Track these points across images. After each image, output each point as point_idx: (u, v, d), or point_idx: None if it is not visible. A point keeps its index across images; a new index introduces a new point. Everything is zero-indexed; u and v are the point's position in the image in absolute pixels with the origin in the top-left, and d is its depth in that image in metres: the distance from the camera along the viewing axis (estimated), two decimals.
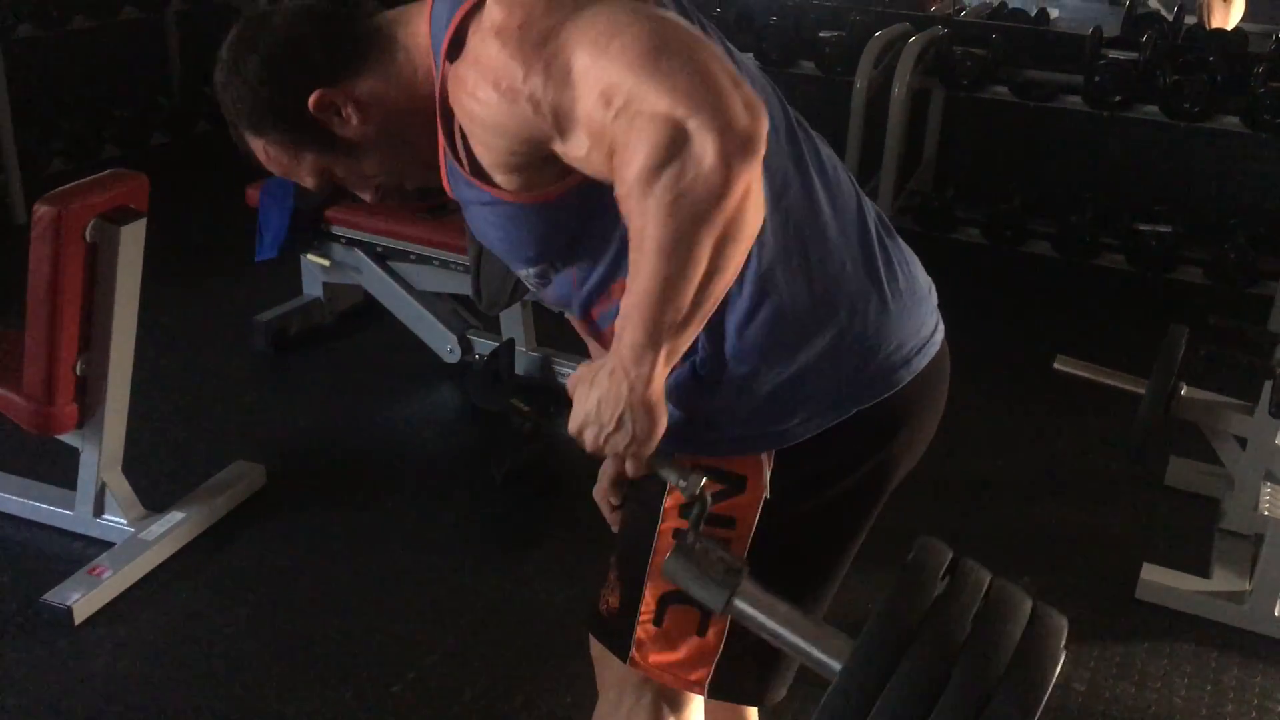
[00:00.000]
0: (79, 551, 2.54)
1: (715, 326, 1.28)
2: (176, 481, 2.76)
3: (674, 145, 0.99)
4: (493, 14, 1.11)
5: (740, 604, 1.18)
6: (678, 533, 1.39)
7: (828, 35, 4.38)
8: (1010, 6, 5.14)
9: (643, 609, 1.43)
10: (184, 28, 5.23)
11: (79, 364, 2.40)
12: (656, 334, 1.09)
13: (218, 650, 2.31)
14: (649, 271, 1.05)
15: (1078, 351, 2.91)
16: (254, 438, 3.03)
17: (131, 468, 2.62)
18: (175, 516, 2.61)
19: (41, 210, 2.25)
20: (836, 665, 1.12)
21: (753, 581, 1.19)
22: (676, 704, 1.54)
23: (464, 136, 1.21)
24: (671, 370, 1.23)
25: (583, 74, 1.04)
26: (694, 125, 0.98)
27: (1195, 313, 2.97)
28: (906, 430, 1.40)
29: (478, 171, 1.22)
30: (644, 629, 1.44)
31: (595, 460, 1.72)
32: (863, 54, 4.13)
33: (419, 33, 1.25)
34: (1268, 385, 2.55)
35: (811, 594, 1.48)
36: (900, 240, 1.42)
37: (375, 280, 3.39)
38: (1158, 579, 2.56)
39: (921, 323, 1.38)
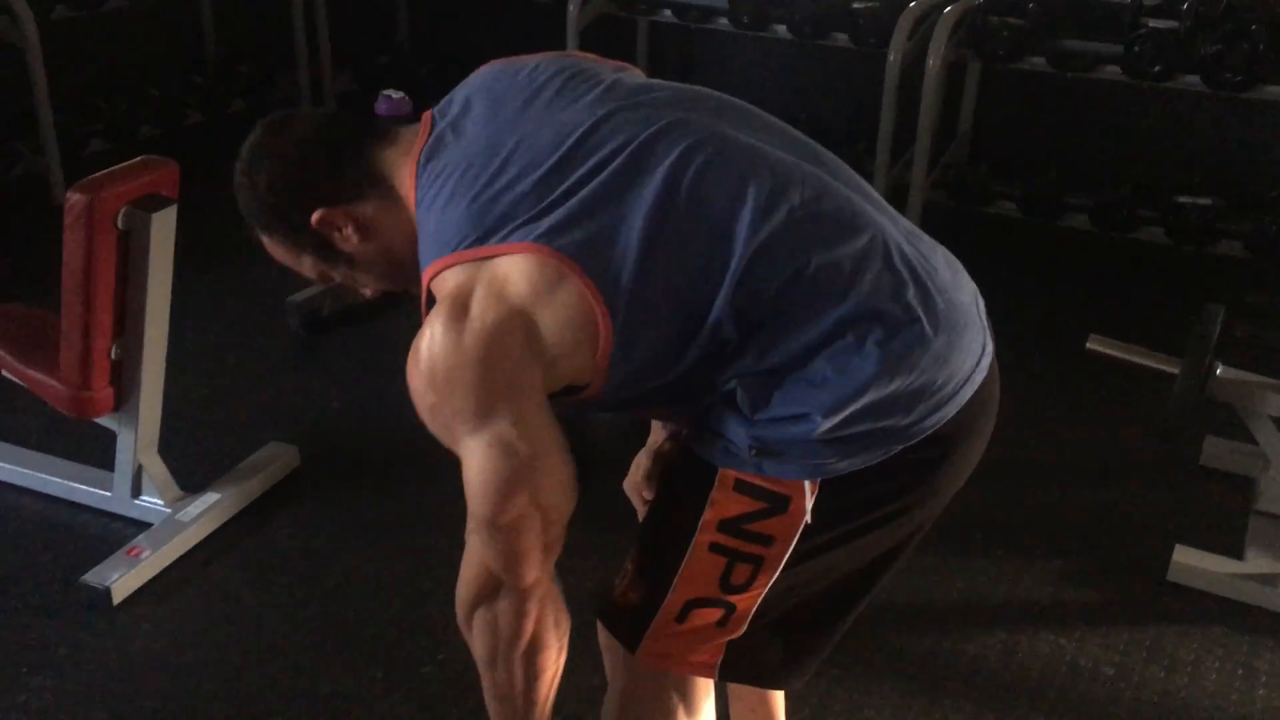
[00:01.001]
0: (117, 532, 2.59)
1: (759, 397, 1.29)
2: (212, 463, 2.80)
3: (486, 594, 1.39)
4: (422, 368, 1.27)
5: None
6: (715, 547, 1.38)
7: (861, 6, 4.30)
8: None
9: (664, 608, 1.43)
10: (218, 7, 5.25)
11: (114, 349, 2.44)
12: None
13: (253, 631, 2.35)
14: (486, 682, 1.47)
15: (1115, 328, 2.87)
16: (288, 419, 3.07)
17: (167, 449, 2.66)
18: (211, 498, 2.65)
19: (73, 199, 2.28)
20: None
21: None
22: (688, 693, 1.54)
23: None
24: (714, 412, 1.34)
25: (463, 467, 1.31)
26: (503, 581, 1.37)
27: (1235, 287, 2.92)
28: (950, 462, 1.37)
29: None
30: (662, 625, 1.44)
31: (628, 447, 1.73)
32: (896, 25, 4.07)
33: (408, 194, 1.37)
34: None
35: (838, 611, 1.48)
36: (936, 256, 1.38)
37: None
38: (1190, 561, 2.54)
39: (967, 350, 1.34)
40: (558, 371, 1.28)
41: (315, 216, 1.37)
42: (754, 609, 1.41)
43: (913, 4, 4.16)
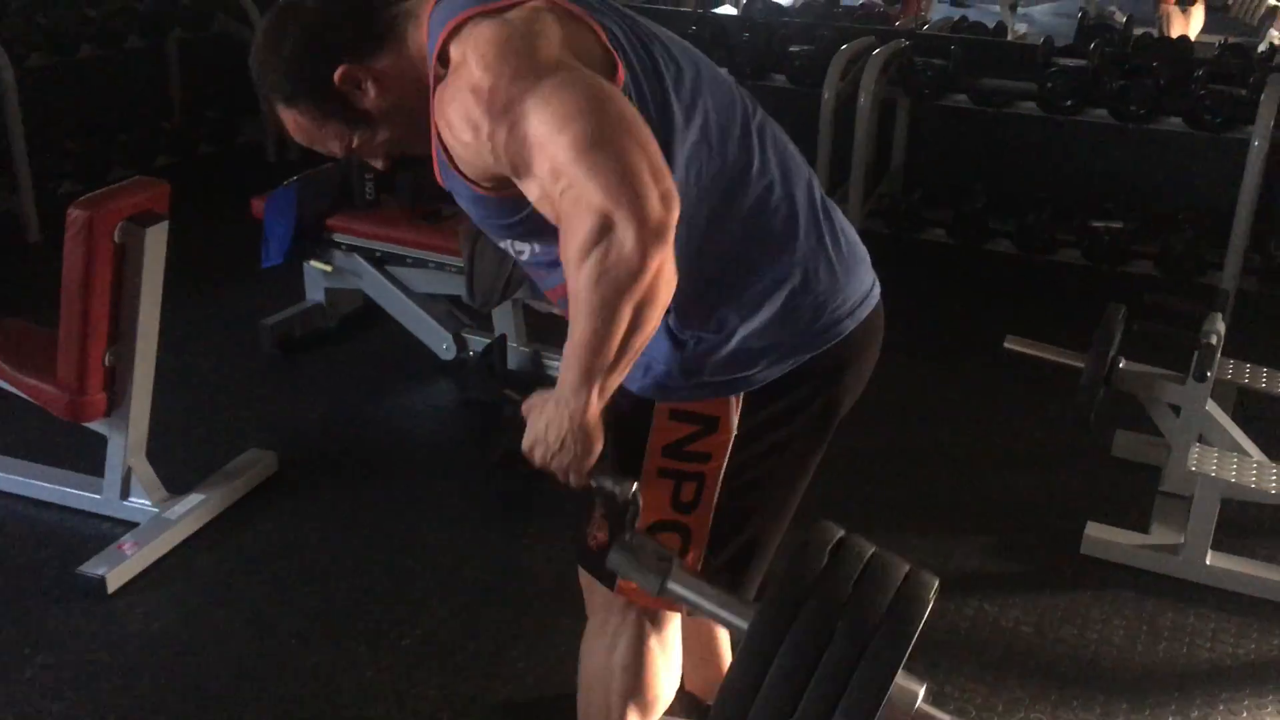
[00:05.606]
0: (108, 531, 2.75)
1: (689, 292, 1.48)
2: (194, 469, 2.96)
3: (601, 231, 1.27)
4: (471, 69, 1.36)
5: (672, 585, 1.45)
6: (662, 471, 1.61)
7: (797, 49, 4.63)
8: (970, 21, 5.41)
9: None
10: (185, 55, 5.47)
11: (108, 356, 2.62)
12: (589, 376, 1.36)
13: (242, 612, 2.52)
14: (581, 327, 1.33)
15: (1038, 339, 3.14)
16: (265, 429, 3.25)
17: (151, 457, 2.82)
18: (196, 498, 2.82)
19: (75, 214, 2.47)
20: (745, 626, 1.38)
21: (680, 566, 1.47)
22: (657, 621, 1.76)
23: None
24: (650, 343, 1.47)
25: (538, 144, 1.31)
26: (619, 217, 1.26)
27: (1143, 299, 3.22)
28: (849, 373, 1.64)
29: (459, 168, 1.46)
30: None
31: None
32: (830, 66, 4.38)
33: (422, 30, 1.48)
34: (1196, 355, 2.79)
35: (774, 517, 1.71)
36: (839, 211, 1.66)
37: (374, 284, 3.61)
38: (1101, 535, 2.79)
39: (861, 280, 1.63)
40: None
41: (339, 73, 1.45)
42: (707, 534, 1.63)
43: (844, 47, 4.48)
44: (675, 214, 1.29)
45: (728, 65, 4.59)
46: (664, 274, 1.31)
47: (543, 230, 1.46)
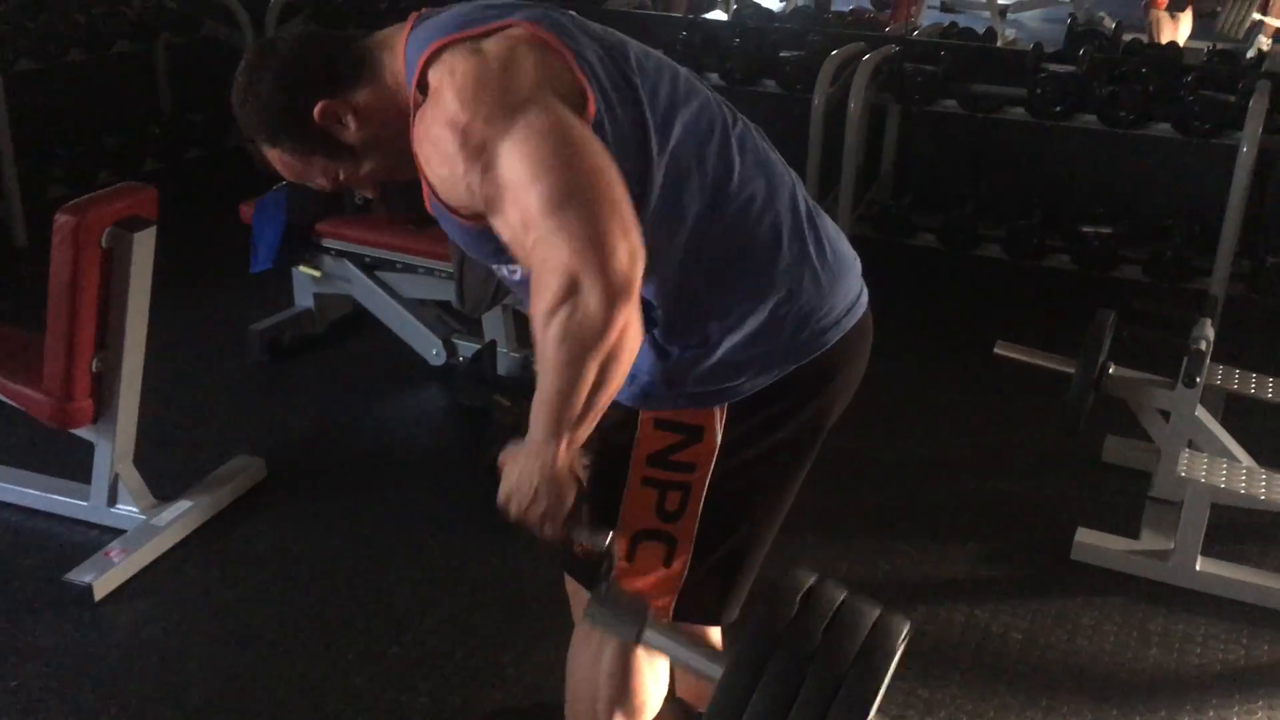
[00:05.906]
0: (95, 538, 2.74)
1: (672, 305, 1.50)
2: (182, 475, 2.95)
3: (568, 291, 1.31)
4: (446, 104, 1.38)
5: (649, 636, 1.50)
6: (646, 481, 1.60)
7: (788, 55, 4.62)
8: (960, 27, 5.42)
9: (615, 551, 1.64)
10: (173, 60, 5.44)
11: (95, 362, 2.60)
12: (557, 429, 1.39)
13: (229, 621, 2.51)
14: (548, 383, 1.36)
15: (1028, 344, 3.15)
16: (253, 435, 3.23)
17: (139, 463, 2.81)
18: (183, 505, 2.81)
19: (62, 219, 2.46)
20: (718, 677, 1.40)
21: (654, 617, 1.51)
22: None
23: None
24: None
25: (510, 191, 1.34)
26: (585, 278, 1.30)
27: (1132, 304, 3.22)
28: (837, 382, 1.63)
29: (440, 198, 1.46)
30: (615, 566, 1.65)
31: None
32: (820, 72, 4.38)
33: (398, 58, 1.49)
34: (1185, 360, 2.79)
35: (761, 526, 1.70)
36: (826, 217, 1.65)
37: (364, 289, 3.60)
38: (1091, 541, 2.80)
39: (848, 289, 1.62)
40: None
41: (318, 109, 1.46)
42: (692, 543, 1.63)
43: (834, 53, 4.48)
44: (640, 269, 1.33)
45: (718, 71, 4.60)
46: (629, 331, 1.34)
47: None
